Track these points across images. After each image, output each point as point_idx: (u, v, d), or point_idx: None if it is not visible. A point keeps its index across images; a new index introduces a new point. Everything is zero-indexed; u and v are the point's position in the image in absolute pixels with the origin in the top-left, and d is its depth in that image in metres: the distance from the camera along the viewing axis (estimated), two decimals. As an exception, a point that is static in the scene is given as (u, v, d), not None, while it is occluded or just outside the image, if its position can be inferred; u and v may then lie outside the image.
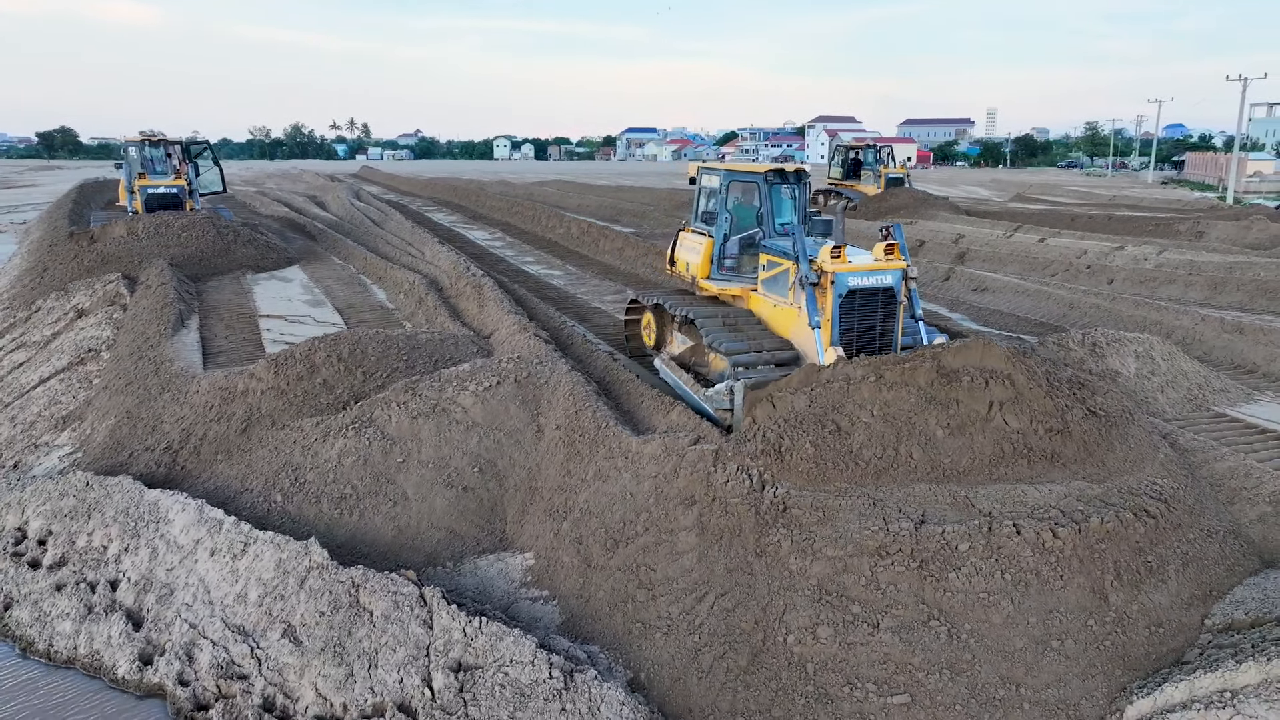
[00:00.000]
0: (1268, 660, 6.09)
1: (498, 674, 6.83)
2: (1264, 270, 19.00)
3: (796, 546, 7.11)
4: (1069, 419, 8.27)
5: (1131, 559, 7.05)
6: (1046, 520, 7.01)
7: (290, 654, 7.46)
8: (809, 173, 11.97)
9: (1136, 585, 7.00)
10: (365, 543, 9.03)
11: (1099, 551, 6.94)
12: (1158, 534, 7.31)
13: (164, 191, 23.69)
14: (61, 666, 7.99)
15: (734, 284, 11.66)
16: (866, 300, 9.96)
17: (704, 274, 11.94)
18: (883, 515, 7.11)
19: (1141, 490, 7.62)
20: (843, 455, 7.89)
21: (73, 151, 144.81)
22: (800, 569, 7.01)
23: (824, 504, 7.33)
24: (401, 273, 19.31)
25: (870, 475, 7.78)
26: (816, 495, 7.45)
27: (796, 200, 11.88)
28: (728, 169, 12.09)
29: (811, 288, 9.83)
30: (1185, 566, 7.35)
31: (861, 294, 9.91)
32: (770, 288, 11.03)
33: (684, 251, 12.65)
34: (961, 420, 8.08)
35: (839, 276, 9.73)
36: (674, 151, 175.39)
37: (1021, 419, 8.13)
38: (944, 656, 6.46)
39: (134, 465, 10.50)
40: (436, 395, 10.25)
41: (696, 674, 6.77)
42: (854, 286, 9.84)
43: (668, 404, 9.92)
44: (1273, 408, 11.37)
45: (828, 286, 9.77)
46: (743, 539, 7.32)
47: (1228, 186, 52.18)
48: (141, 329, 14.58)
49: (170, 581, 8.53)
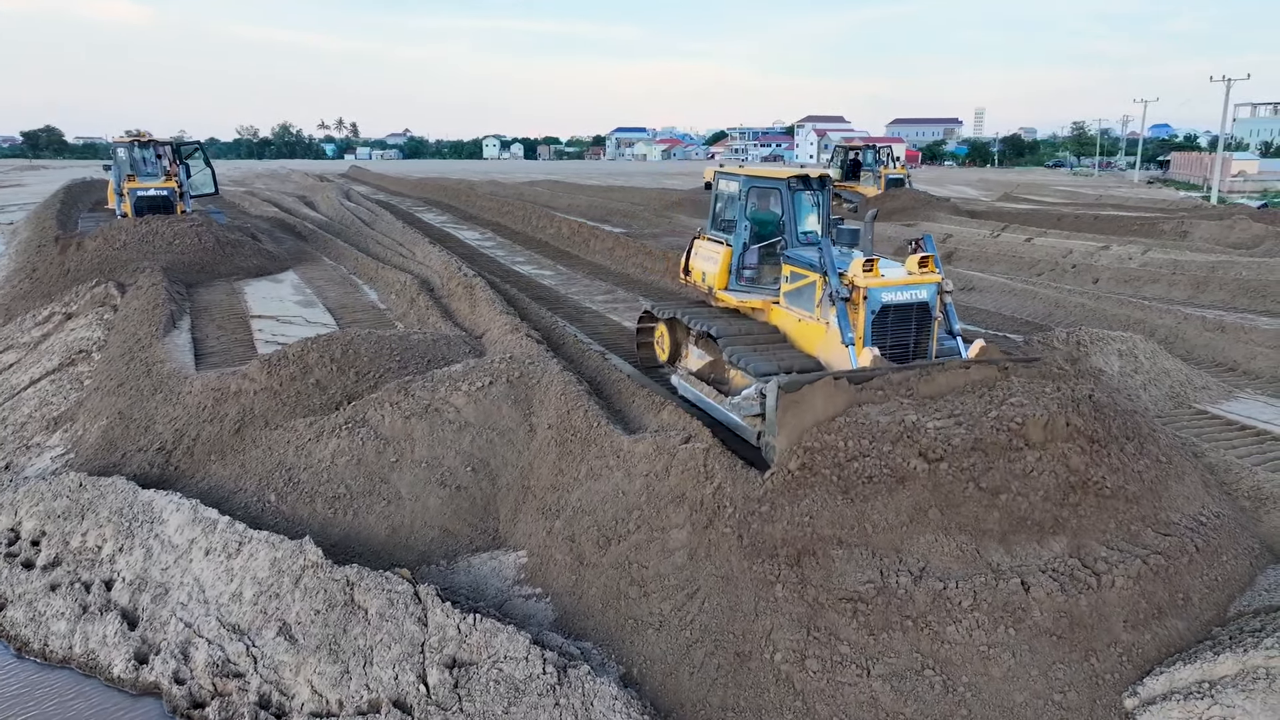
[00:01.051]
0: (1244, 651, 6.25)
1: (492, 670, 6.92)
2: (1245, 270, 19.27)
3: (784, 583, 6.88)
4: (1124, 468, 7.64)
5: (1153, 603, 6.81)
6: (1061, 576, 6.71)
7: (286, 652, 7.53)
8: (833, 179, 11.42)
9: (1157, 619, 6.79)
10: (359, 542, 9.10)
11: (1116, 606, 6.68)
12: (1190, 569, 7.08)
13: (154, 194, 23.16)
14: (57, 666, 8.05)
15: (754, 296, 11.08)
16: (900, 316, 9.39)
17: (721, 285, 11.39)
18: (879, 567, 6.77)
19: (1183, 525, 7.28)
20: (874, 512, 7.10)
21: (58, 151, 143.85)
22: (786, 598, 6.82)
23: (819, 548, 6.96)
24: (393, 273, 19.36)
25: (891, 531, 7.08)
26: (809, 532, 7.05)
27: (820, 208, 11.29)
28: (748, 174, 11.49)
29: (843, 303, 9.26)
30: (1211, 591, 7.18)
31: (895, 309, 9.34)
32: (794, 301, 10.43)
33: (700, 260, 12.03)
34: (1003, 481, 7.30)
35: (872, 292, 9.19)
36: (663, 151, 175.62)
37: (1073, 473, 7.44)
38: (938, 709, 6.22)
39: (127, 466, 10.54)
40: (429, 395, 10.33)
41: (688, 670, 6.88)
42: (887, 302, 9.28)
43: (659, 403, 10.03)
44: (1252, 405, 11.58)
45: (860, 302, 9.23)
46: (729, 556, 7.24)
47: (1212, 186, 52.68)
48: (133, 330, 14.59)
49: (165, 581, 8.59)
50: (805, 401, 7.73)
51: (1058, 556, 6.92)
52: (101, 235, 20.67)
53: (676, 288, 19.66)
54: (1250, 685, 6.04)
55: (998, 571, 6.73)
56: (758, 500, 7.36)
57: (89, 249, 20.13)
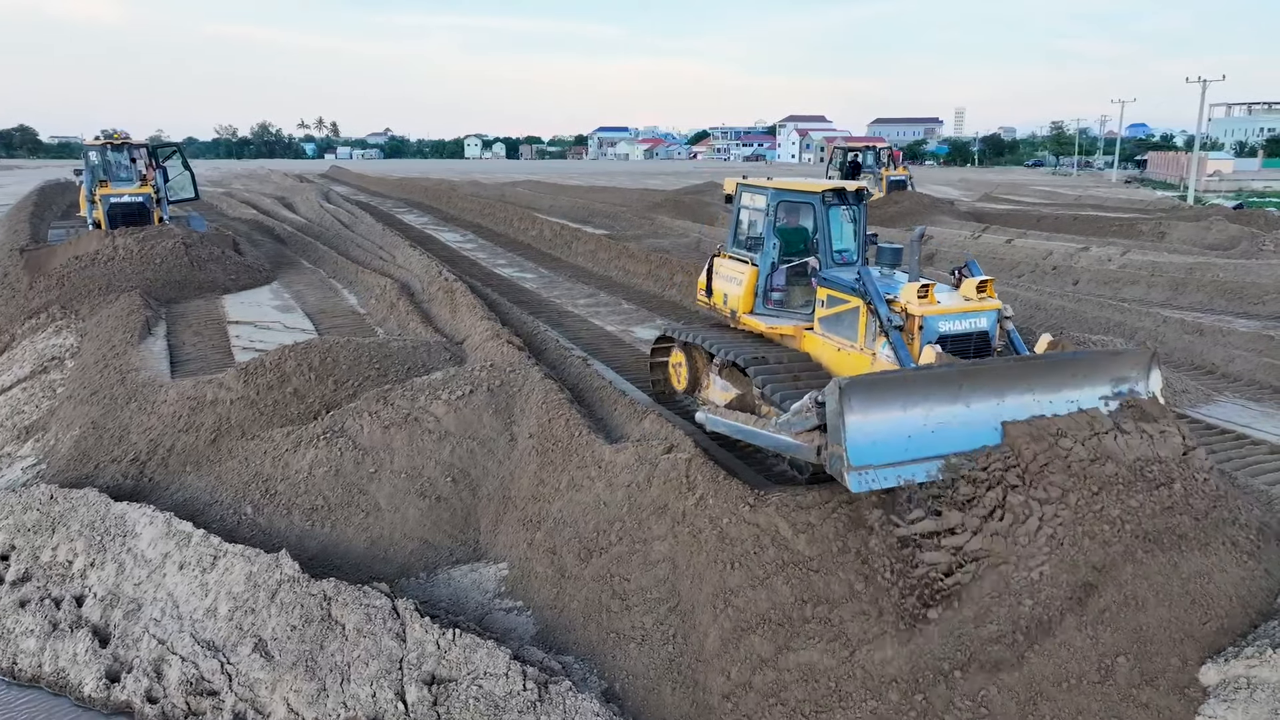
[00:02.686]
0: (1225, 662, 6.25)
1: (471, 686, 6.83)
2: (1222, 271, 19.44)
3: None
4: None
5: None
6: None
7: (261, 669, 7.40)
8: (871, 193, 10.49)
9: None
10: (338, 554, 8.98)
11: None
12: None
13: (129, 201, 21.26)
14: (26, 685, 7.86)
15: (784, 321, 10.23)
16: (958, 347, 8.53)
17: (747, 308, 10.55)
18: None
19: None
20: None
21: (32, 150, 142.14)
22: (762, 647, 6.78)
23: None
24: (373, 277, 19.18)
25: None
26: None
27: (857, 224, 10.47)
28: (776, 188, 10.58)
29: (897, 332, 8.48)
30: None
31: (954, 340, 8.53)
32: (832, 328, 9.56)
33: (722, 281, 11.09)
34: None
35: (928, 320, 8.41)
36: (646, 151, 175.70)
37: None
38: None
39: (100, 477, 10.34)
40: (409, 404, 10.21)
41: (670, 685, 6.82)
42: (945, 332, 8.49)
43: (640, 411, 9.96)
44: (1230, 408, 11.65)
45: (915, 331, 8.44)
46: (706, 578, 7.21)
47: (1189, 185, 53.25)
48: (106, 336, 14.35)
49: (138, 596, 8.42)
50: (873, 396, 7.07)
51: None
52: (65, 257, 18.56)
53: (659, 290, 19.68)
54: (1231, 695, 6.05)
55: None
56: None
57: (51, 273, 18.22)
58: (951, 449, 7.33)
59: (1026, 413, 7.59)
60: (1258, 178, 65.89)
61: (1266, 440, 10.36)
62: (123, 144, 22.78)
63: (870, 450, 7.08)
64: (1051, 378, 7.84)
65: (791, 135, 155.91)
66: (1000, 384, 7.63)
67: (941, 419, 7.41)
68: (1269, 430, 10.72)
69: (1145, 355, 8.32)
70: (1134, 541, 6.69)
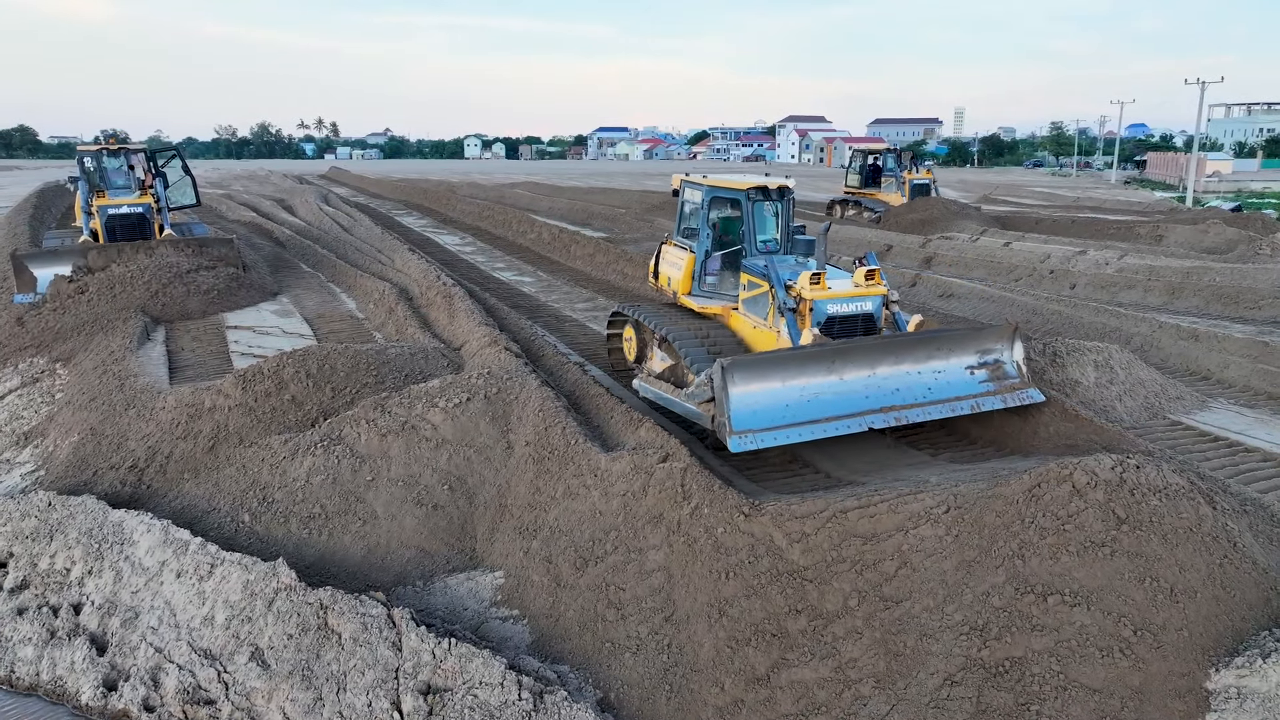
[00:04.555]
0: (1216, 671, 6.28)
1: (467, 696, 6.87)
2: (1219, 275, 19.45)
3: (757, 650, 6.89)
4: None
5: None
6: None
7: (258, 677, 7.44)
8: (793, 189, 11.82)
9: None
10: (334, 562, 9.01)
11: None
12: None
13: (128, 212, 19.89)
14: (24, 694, 7.92)
15: (715, 302, 11.59)
16: (846, 326, 9.98)
17: (685, 290, 11.89)
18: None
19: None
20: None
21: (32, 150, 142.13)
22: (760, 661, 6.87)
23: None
24: (371, 281, 19.20)
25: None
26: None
27: (780, 218, 11.71)
28: (710, 184, 11.85)
29: (791, 313, 9.86)
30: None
31: (841, 320, 9.95)
32: (750, 308, 10.97)
33: (666, 266, 12.57)
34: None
35: (818, 304, 9.83)
36: (645, 151, 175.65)
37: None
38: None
39: (98, 484, 10.38)
40: (406, 412, 10.24)
41: (665, 694, 6.85)
42: (833, 314, 9.91)
43: (637, 419, 9.99)
44: (1225, 415, 11.68)
45: (806, 313, 9.81)
46: (701, 587, 7.25)
47: (1187, 186, 53.28)
48: (105, 341, 14.39)
49: (135, 604, 8.46)
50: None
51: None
52: (55, 293, 16.23)
53: (654, 294, 19.72)
54: (1222, 705, 6.09)
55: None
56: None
57: (38, 317, 15.83)
58: (826, 414, 8.90)
59: (896, 383, 9.35)
60: (1257, 178, 65.96)
61: (1260, 448, 10.38)
62: (119, 149, 21.24)
63: (750, 417, 8.62)
64: (920, 351, 9.55)
65: (791, 135, 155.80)
66: (872, 358, 9.31)
67: (818, 390, 9.03)
68: (1263, 437, 10.74)
69: (1008, 330, 10.01)
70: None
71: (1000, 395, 9.84)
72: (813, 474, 9.49)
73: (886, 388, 9.29)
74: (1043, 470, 7.37)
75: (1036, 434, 10.14)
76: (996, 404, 9.79)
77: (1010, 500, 7.21)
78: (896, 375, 9.38)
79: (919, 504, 7.43)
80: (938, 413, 9.50)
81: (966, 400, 9.66)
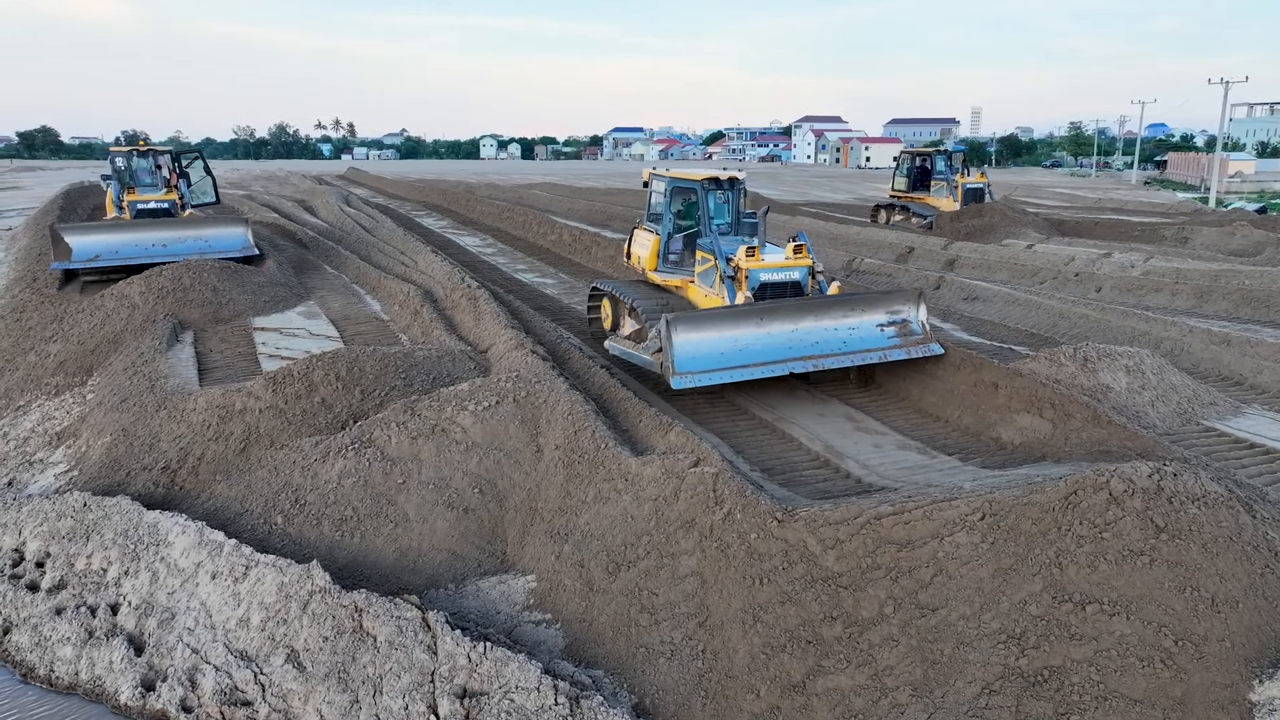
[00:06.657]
0: (1259, 683, 6.22)
1: (503, 700, 6.89)
2: (1249, 278, 19.24)
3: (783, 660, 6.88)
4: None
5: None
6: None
7: (294, 680, 7.49)
8: (742, 180, 13.97)
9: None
10: (367, 565, 9.06)
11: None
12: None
13: (155, 206, 22.26)
14: (63, 692, 8.00)
15: (676, 276, 13.73)
16: (776, 291, 12.06)
17: (652, 267, 14.04)
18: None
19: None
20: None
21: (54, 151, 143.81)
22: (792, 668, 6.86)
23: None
24: (395, 283, 19.28)
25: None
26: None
27: (730, 204, 13.85)
28: (672, 176, 14.01)
29: (730, 281, 12.02)
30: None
31: (772, 286, 12.06)
32: (704, 280, 13.05)
33: (636, 246, 14.86)
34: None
35: (752, 273, 11.95)
36: (661, 151, 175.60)
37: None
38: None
39: (132, 485, 10.48)
40: (436, 415, 10.28)
41: (700, 700, 6.85)
42: (765, 280, 12.03)
43: (666, 424, 9.99)
44: (1259, 421, 11.55)
45: (743, 280, 11.92)
46: (735, 593, 7.27)
47: (1210, 187, 52.73)
48: (134, 343, 14.53)
49: (171, 605, 8.54)
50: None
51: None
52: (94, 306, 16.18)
53: (627, 271, 19.66)
54: (1266, 717, 6.02)
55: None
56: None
57: (79, 328, 15.74)
58: (755, 360, 10.90)
59: (815, 336, 11.37)
60: (1280, 179, 65.18)
61: (1296, 455, 10.25)
62: (147, 150, 23.68)
63: (690, 362, 10.62)
64: (837, 310, 11.64)
65: (807, 136, 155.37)
66: (794, 316, 11.38)
67: (748, 341, 11.02)
68: (1299, 444, 10.61)
69: (914, 294, 12.11)
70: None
71: (905, 349, 11.76)
72: (741, 416, 11.56)
73: (807, 340, 11.31)
74: (1079, 478, 7.33)
75: (1068, 440, 10.08)
76: (901, 355, 11.71)
77: (1046, 508, 7.18)
78: (816, 330, 11.43)
79: (954, 511, 7.41)
80: (849, 361, 11.48)
81: (875, 352, 11.60)
